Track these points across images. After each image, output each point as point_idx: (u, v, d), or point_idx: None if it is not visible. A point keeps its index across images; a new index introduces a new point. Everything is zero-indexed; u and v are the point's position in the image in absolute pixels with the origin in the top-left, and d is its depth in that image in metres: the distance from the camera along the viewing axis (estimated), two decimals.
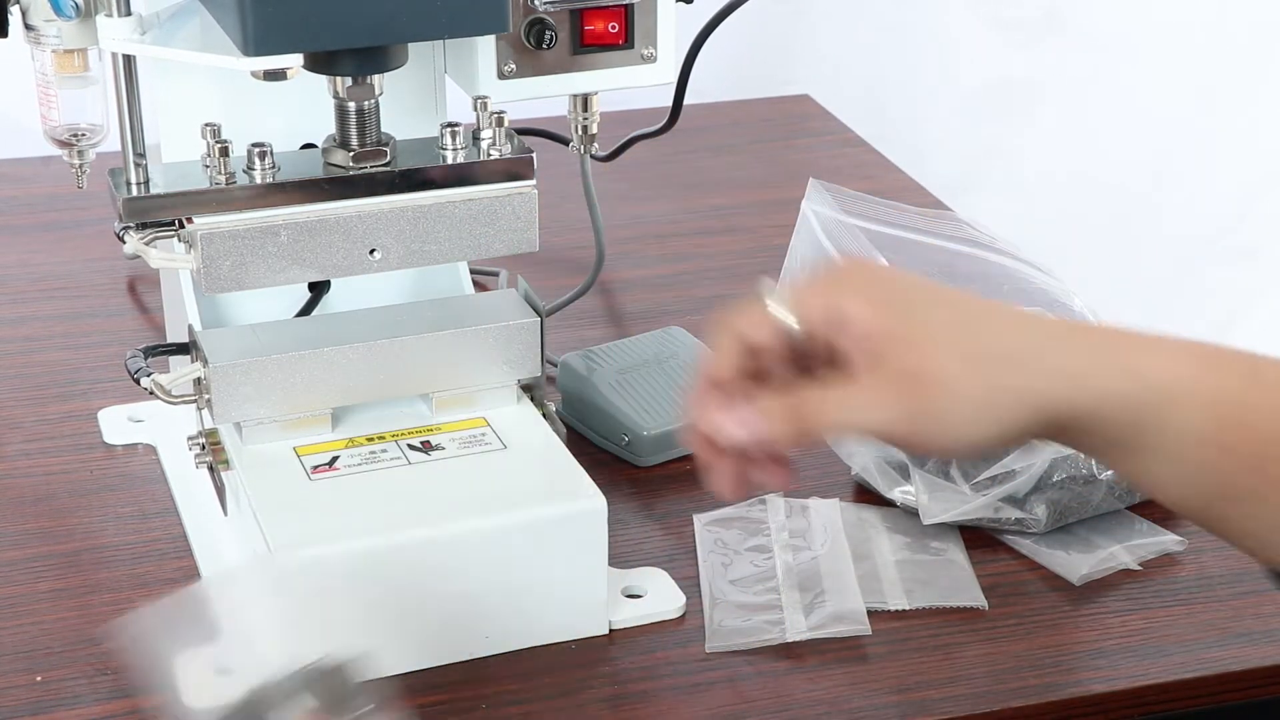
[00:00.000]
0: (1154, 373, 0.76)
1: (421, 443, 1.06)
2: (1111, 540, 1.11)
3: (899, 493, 1.14)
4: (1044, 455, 1.09)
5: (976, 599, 1.06)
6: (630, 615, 1.05)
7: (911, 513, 1.13)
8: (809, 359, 0.81)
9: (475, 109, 1.07)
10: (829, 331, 0.79)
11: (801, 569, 1.07)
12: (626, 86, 1.13)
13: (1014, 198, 2.08)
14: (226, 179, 1.01)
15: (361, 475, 1.03)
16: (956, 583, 1.07)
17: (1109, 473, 1.12)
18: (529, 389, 1.11)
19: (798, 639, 1.02)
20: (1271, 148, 2.17)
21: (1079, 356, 0.77)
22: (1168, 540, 1.12)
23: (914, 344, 0.77)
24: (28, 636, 1.03)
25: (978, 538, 1.12)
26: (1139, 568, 1.10)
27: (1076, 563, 1.09)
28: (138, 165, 1.02)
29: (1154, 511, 1.14)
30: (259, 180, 1.02)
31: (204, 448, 1.06)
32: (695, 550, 1.11)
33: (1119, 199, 2.18)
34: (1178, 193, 2.20)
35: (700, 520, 1.13)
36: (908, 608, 1.05)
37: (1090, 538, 1.12)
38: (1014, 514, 1.11)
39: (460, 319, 1.08)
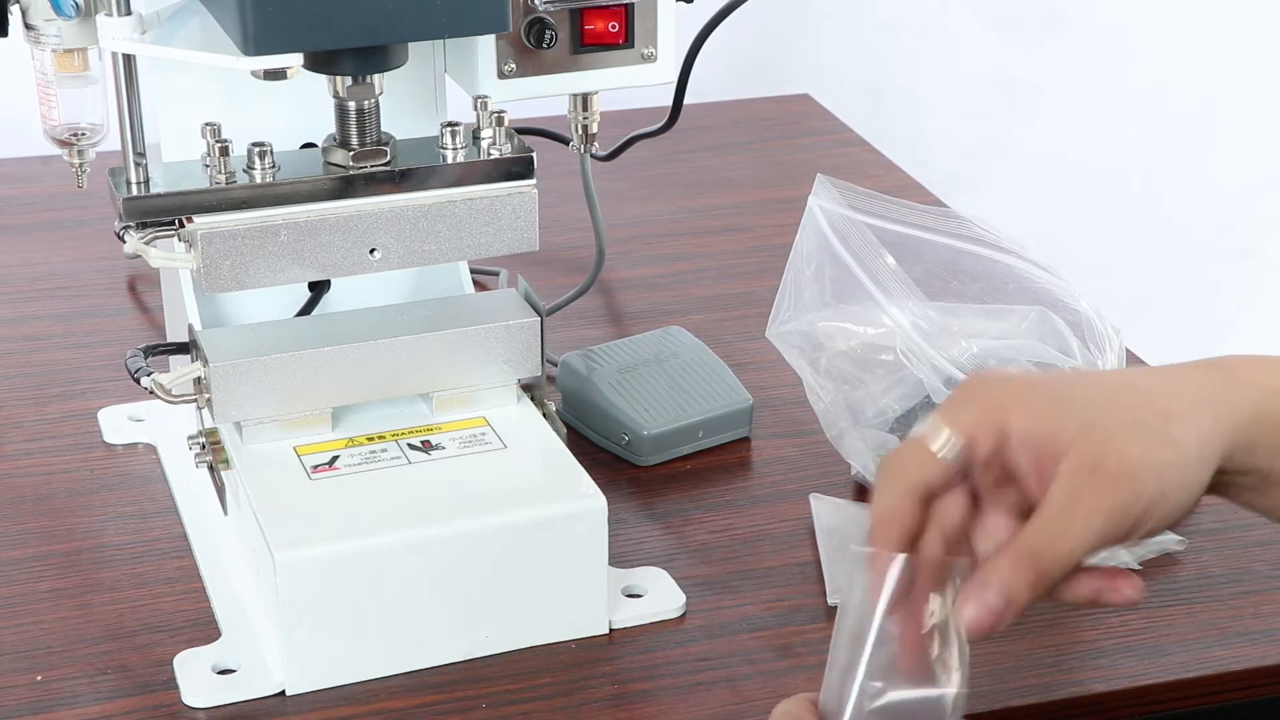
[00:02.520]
0: None
1: (421, 442, 1.06)
2: None
3: None
4: None
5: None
6: (630, 615, 1.05)
7: None
8: (975, 491, 0.77)
9: (475, 108, 1.07)
10: (998, 452, 0.75)
11: None
12: (626, 86, 1.13)
13: (1014, 197, 2.08)
14: (226, 178, 1.01)
15: (362, 475, 1.03)
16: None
17: None
18: (529, 389, 1.11)
19: None
20: (1272, 146, 2.17)
21: (1250, 370, 0.77)
22: (1168, 540, 1.12)
23: (1091, 434, 0.74)
24: (28, 636, 1.03)
25: None
26: (1139, 567, 1.10)
27: None
28: (138, 165, 1.02)
29: None
30: (259, 180, 1.02)
31: (204, 447, 1.06)
32: (695, 550, 1.11)
33: (1119, 198, 2.18)
34: (1178, 191, 2.20)
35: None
36: None
37: None
38: None
39: (460, 319, 1.08)
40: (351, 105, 1.03)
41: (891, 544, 0.76)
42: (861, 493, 1.17)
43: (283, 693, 0.99)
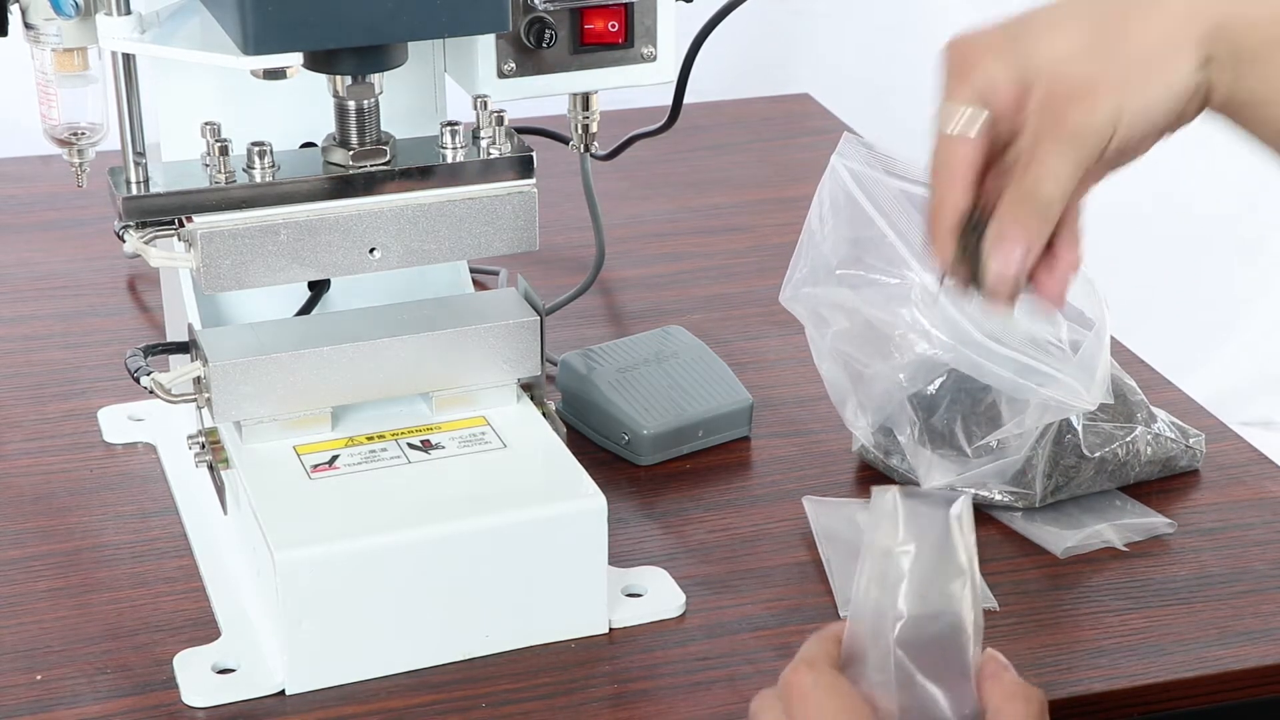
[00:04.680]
0: None
1: (421, 441, 1.06)
2: (1099, 519, 1.13)
3: (897, 460, 1.15)
4: (1037, 422, 1.10)
5: (986, 599, 1.06)
6: (630, 614, 1.05)
7: (912, 483, 1.14)
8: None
9: (475, 108, 1.07)
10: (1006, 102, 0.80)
11: None
12: (626, 85, 1.13)
13: None
14: (226, 178, 1.01)
15: (361, 474, 1.03)
16: None
17: (1099, 453, 1.14)
18: (529, 388, 1.11)
19: None
20: None
21: None
22: (1158, 522, 1.13)
23: (1044, 65, 0.79)
24: (27, 635, 1.03)
25: None
26: (1125, 549, 1.11)
27: (1063, 537, 1.11)
28: (137, 164, 1.02)
29: (1146, 496, 1.16)
30: (259, 179, 1.02)
31: (204, 447, 1.06)
32: (695, 549, 1.11)
33: (1121, 194, 2.17)
34: (1179, 190, 2.20)
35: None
36: None
37: (1078, 515, 1.13)
38: (1007, 489, 1.13)
39: (460, 318, 1.08)
40: (351, 104, 1.03)
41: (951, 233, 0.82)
42: (864, 468, 1.18)
43: (283, 692, 0.99)
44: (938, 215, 0.82)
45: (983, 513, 1.14)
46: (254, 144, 1.02)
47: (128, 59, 1.01)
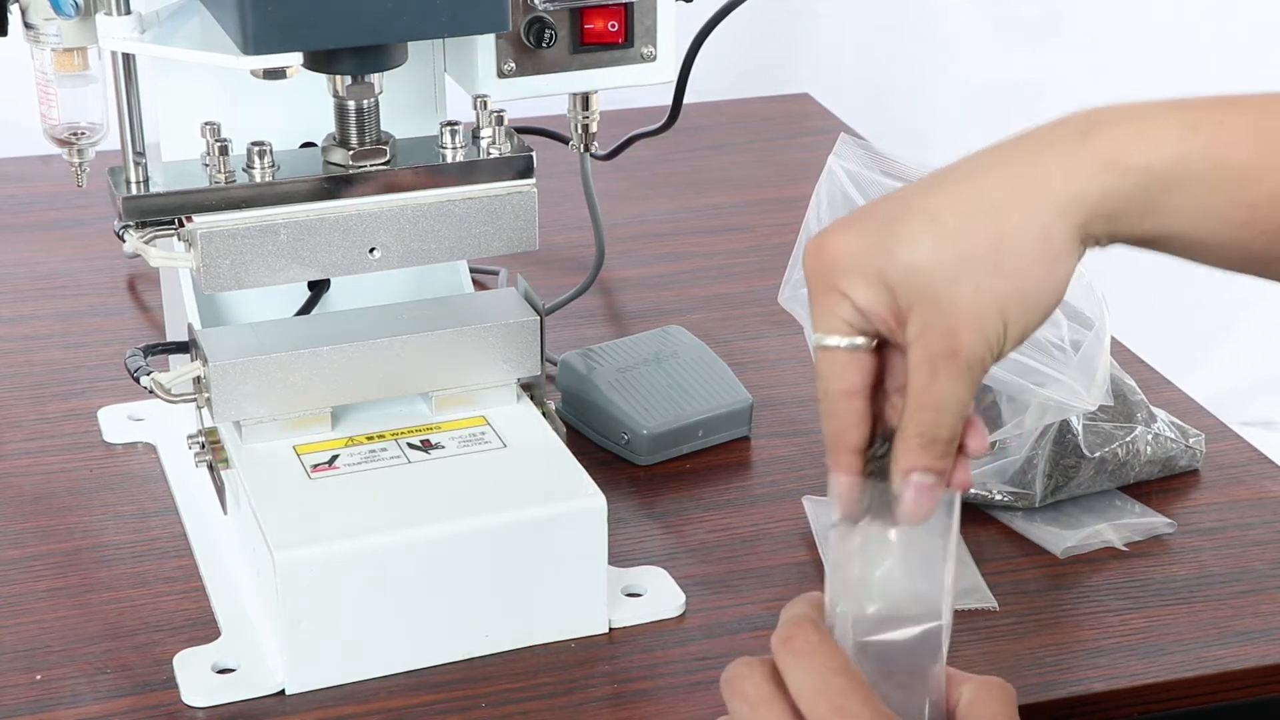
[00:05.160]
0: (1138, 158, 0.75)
1: (421, 441, 1.06)
2: (1099, 519, 1.13)
3: None
4: (1036, 422, 1.10)
5: (986, 599, 1.06)
6: (630, 614, 1.05)
7: None
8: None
9: (475, 108, 1.07)
10: (876, 316, 0.77)
11: None
12: (626, 85, 1.13)
13: None
14: (226, 178, 1.01)
15: (361, 474, 1.03)
16: (965, 584, 1.07)
17: (1098, 453, 1.14)
18: (529, 388, 1.11)
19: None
20: None
21: (1108, 145, 0.76)
22: (1158, 522, 1.13)
23: (922, 292, 0.75)
24: (27, 635, 1.03)
25: (966, 513, 1.11)
26: (1125, 549, 1.11)
27: (1063, 537, 1.11)
28: (137, 164, 1.02)
29: (1146, 496, 1.16)
30: (259, 179, 1.02)
31: (204, 446, 1.06)
32: (695, 549, 1.11)
33: None
34: None
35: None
36: None
37: (1078, 515, 1.14)
38: (1007, 489, 1.13)
39: (460, 318, 1.08)
40: (351, 104, 1.03)
41: (855, 454, 0.80)
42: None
43: (282, 692, 0.99)
44: (837, 442, 0.80)
45: (983, 513, 1.14)
46: (254, 144, 1.02)
47: (128, 59, 1.01)
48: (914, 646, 0.78)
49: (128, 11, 0.99)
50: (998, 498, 1.13)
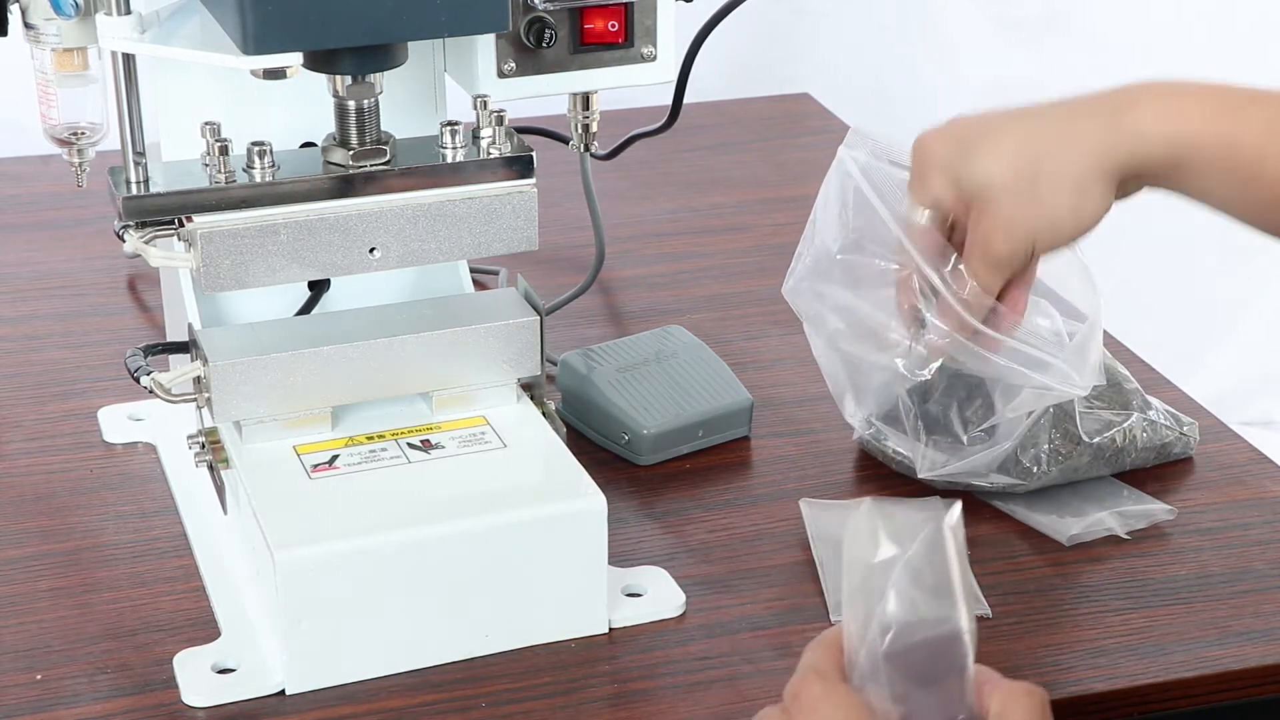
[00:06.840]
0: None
1: (421, 441, 1.06)
2: (1100, 507, 1.14)
3: (892, 448, 1.17)
4: (1031, 407, 1.10)
5: (980, 607, 1.06)
6: (630, 614, 1.05)
7: (909, 473, 1.15)
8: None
9: (475, 108, 1.07)
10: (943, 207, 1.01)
11: None
12: (626, 85, 1.13)
13: None
14: (226, 178, 1.01)
15: (361, 474, 1.03)
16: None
17: (1096, 438, 1.15)
18: (529, 388, 1.11)
19: None
20: None
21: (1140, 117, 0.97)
22: (1157, 509, 1.13)
23: (980, 194, 0.99)
24: (28, 635, 1.03)
25: (966, 502, 1.11)
26: (1127, 536, 1.11)
27: (1067, 525, 1.11)
28: (137, 164, 1.02)
29: (1142, 485, 1.17)
30: (259, 179, 1.02)
31: (204, 446, 1.06)
32: (695, 549, 1.11)
33: None
34: None
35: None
36: None
37: (1079, 504, 1.14)
38: (1003, 479, 1.13)
39: (460, 318, 1.08)
40: (351, 104, 1.03)
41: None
42: (865, 467, 1.19)
43: (282, 692, 0.99)
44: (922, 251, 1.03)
45: (981, 501, 1.14)
46: (254, 144, 1.02)
47: (128, 59, 1.01)
48: (937, 656, 0.78)
49: (128, 11, 0.99)
50: (993, 483, 1.13)
